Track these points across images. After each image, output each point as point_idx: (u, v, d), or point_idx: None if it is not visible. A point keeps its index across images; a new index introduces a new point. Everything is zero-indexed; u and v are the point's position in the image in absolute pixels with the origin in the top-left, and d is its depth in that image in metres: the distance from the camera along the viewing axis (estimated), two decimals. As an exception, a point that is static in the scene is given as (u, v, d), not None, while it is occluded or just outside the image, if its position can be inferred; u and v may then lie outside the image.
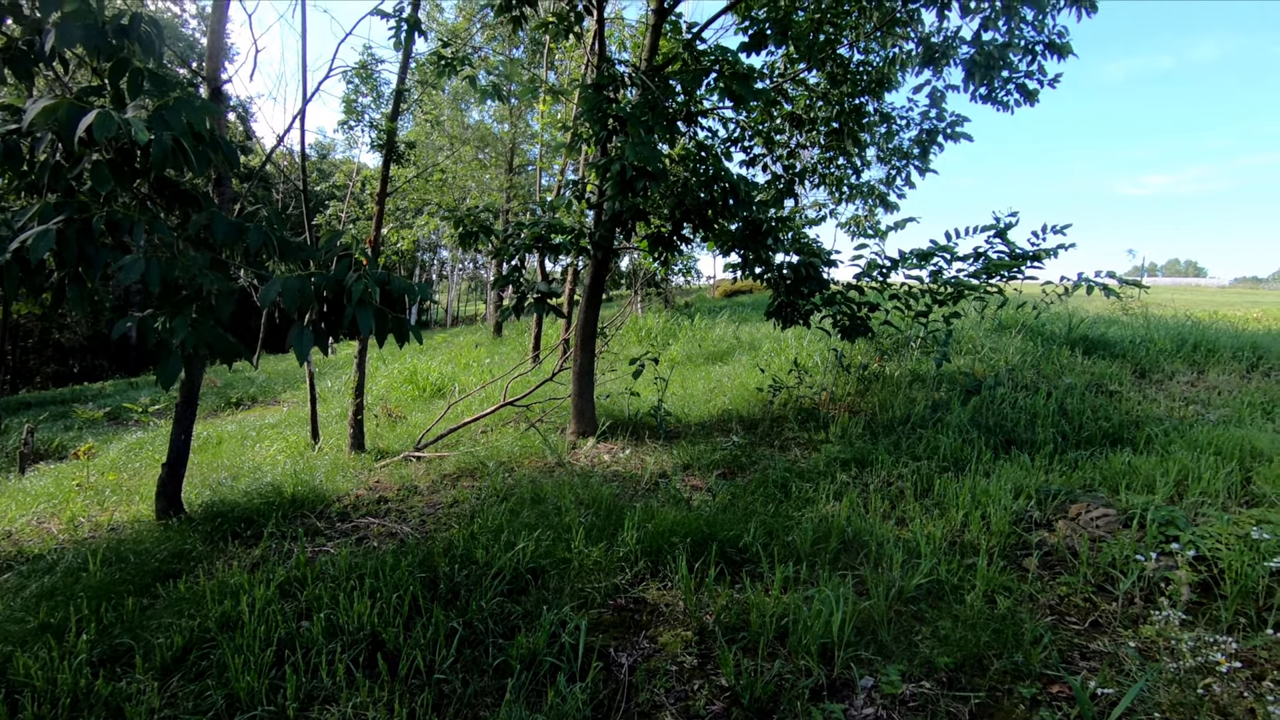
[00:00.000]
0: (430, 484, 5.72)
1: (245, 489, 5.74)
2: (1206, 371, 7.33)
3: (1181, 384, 6.92)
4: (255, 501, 5.24)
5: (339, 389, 11.13)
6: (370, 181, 15.93)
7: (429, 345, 15.36)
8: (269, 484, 5.78)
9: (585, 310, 6.46)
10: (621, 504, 4.53)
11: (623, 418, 6.90)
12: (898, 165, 7.02)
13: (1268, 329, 10.12)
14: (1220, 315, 12.46)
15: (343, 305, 2.40)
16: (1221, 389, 6.65)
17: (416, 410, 8.96)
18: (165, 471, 5.19)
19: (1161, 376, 7.24)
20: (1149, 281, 45.05)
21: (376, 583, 3.37)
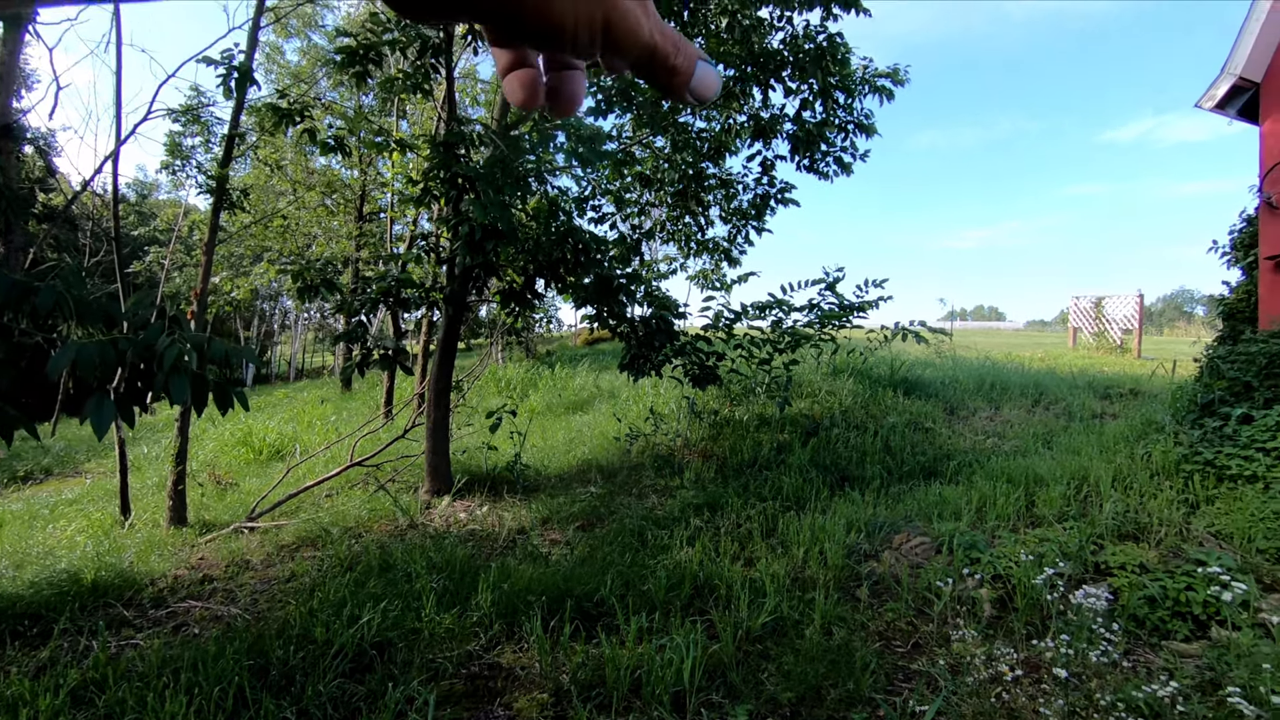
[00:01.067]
0: (265, 557, 5.25)
1: (32, 579, 4.96)
2: (1001, 407, 8.40)
3: (982, 419, 7.89)
4: (44, 593, 4.54)
5: (158, 455, 9.94)
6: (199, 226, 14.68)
7: (268, 403, 14.17)
8: (63, 571, 5.03)
9: (439, 364, 6.30)
10: (477, 565, 4.40)
11: (480, 473, 6.73)
12: (738, 224, 7.58)
13: (1047, 368, 11.80)
14: (1013, 356, 14.35)
15: (153, 371, 2.22)
16: (1013, 422, 7.65)
17: (251, 475, 8.21)
18: (-78, 566, 4.38)
19: (967, 413, 8.20)
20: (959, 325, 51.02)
21: (195, 676, 3.03)
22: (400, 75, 5.04)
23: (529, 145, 5.23)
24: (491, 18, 0.33)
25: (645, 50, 0.36)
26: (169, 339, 2.18)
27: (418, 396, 10.35)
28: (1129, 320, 17.67)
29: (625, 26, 0.34)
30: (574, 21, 0.33)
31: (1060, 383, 9.45)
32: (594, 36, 0.34)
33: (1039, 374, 10.45)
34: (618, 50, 0.35)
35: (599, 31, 0.34)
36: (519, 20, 0.32)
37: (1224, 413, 4.85)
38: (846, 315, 6.55)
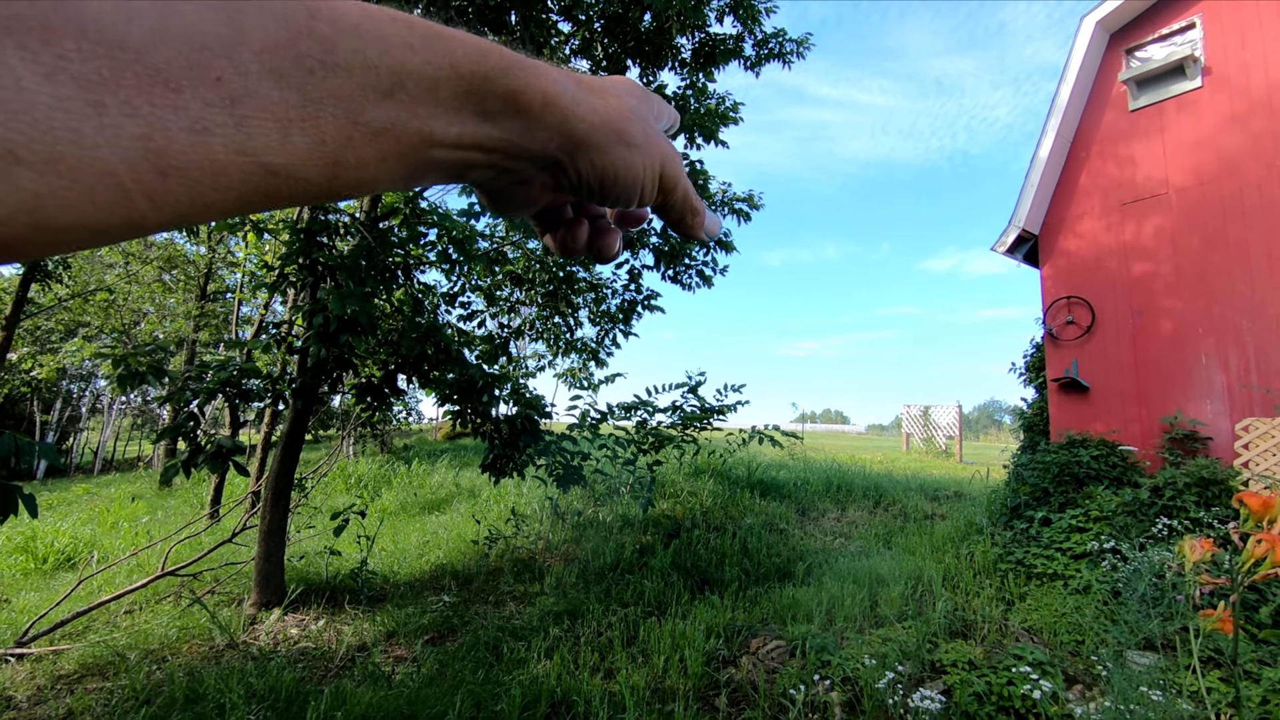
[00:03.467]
0: (34, 692, 4.39)
1: None
2: (847, 508, 8.96)
3: (830, 520, 8.34)
4: None
5: (-99, 566, 8.17)
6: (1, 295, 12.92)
7: (62, 500, 12.20)
8: None
9: (281, 459, 5.79)
10: (306, 690, 3.93)
11: (319, 581, 6.12)
12: (606, 327, 7.83)
13: (886, 470, 12.82)
14: (856, 459, 15.46)
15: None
16: (857, 523, 8.16)
17: (29, 589, 6.92)
18: None
19: (817, 514, 8.65)
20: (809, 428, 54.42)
21: None
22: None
23: (397, 240, 5.18)
24: (583, 189, 0.36)
25: (684, 194, 0.40)
26: (-54, 435, 1.88)
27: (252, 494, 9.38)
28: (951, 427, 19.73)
29: (673, 173, 0.38)
30: (645, 173, 0.36)
31: (896, 484, 10.26)
32: (654, 184, 0.37)
33: (879, 476, 11.30)
34: (668, 195, 0.39)
35: (658, 180, 0.38)
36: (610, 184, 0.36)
37: (1029, 515, 5.48)
38: (708, 417, 6.83)
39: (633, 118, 0.36)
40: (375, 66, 0.26)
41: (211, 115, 0.22)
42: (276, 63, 0.24)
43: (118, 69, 0.20)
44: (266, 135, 0.24)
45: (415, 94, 0.28)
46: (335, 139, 0.26)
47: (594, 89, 0.35)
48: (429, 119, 0.29)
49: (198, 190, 0.23)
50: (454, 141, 0.30)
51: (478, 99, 0.30)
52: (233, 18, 0.23)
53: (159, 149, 0.21)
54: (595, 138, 0.34)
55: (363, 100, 0.26)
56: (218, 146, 0.23)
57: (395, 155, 0.28)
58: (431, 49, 0.28)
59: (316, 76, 0.25)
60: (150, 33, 0.21)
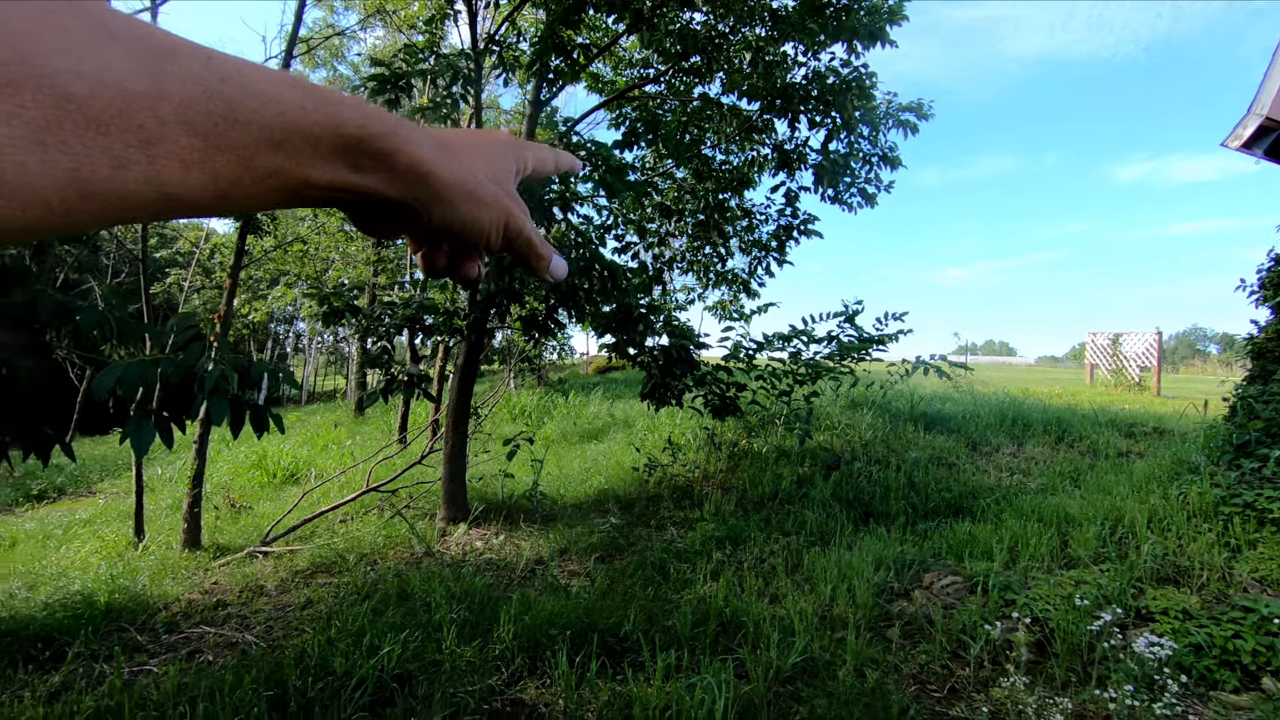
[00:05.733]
0: (279, 583, 5.18)
1: (45, 600, 4.91)
2: (1024, 444, 8.28)
3: (1006, 456, 7.76)
4: (58, 616, 4.49)
5: (172, 477, 9.94)
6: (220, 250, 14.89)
7: (281, 425, 14.22)
8: (77, 593, 4.98)
9: (458, 390, 6.28)
10: (496, 595, 4.32)
11: (496, 501, 6.67)
12: (758, 256, 7.59)
13: (1067, 404, 11.65)
14: (1030, 392, 14.20)
15: (192, 392, 2.20)
16: (1037, 459, 7.52)
17: (265, 499, 8.17)
18: (-62, 585, 4.34)
19: (990, 449, 8.08)
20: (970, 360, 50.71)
21: (212, 706, 2.96)
22: (430, 104, 5.11)
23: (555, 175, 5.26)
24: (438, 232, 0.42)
25: (526, 242, 0.47)
26: (210, 360, 2.17)
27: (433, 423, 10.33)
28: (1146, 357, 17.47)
29: (516, 226, 0.46)
30: (490, 225, 0.43)
31: (1082, 419, 9.31)
32: (499, 234, 0.45)
33: (1059, 410, 10.31)
34: (511, 243, 0.46)
35: (502, 231, 0.45)
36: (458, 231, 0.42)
37: (1261, 454, 4.75)
38: (866, 348, 6.50)
39: (485, 180, 0.43)
40: (270, 125, 0.31)
41: (130, 153, 0.27)
42: (189, 116, 0.28)
43: (61, 116, 0.25)
44: (171, 171, 0.28)
45: (300, 147, 0.33)
46: (227, 178, 0.31)
47: (457, 152, 0.41)
48: (309, 167, 0.34)
49: (109, 208, 0.27)
50: (327, 184, 0.35)
51: (352, 155, 0.35)
52: (158, 79, 0.27)
53: (84, 179, 0.26)
54: (448, 195, 0.40)
55: (255, 150, 0.31)
56: (131, 178, 0.27)
57: (276, 190, 0.33)
58: (322, 112, 0.33)
59: (220, 129, 0.29)
60: (91, 88, 0.25)
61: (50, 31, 0.25)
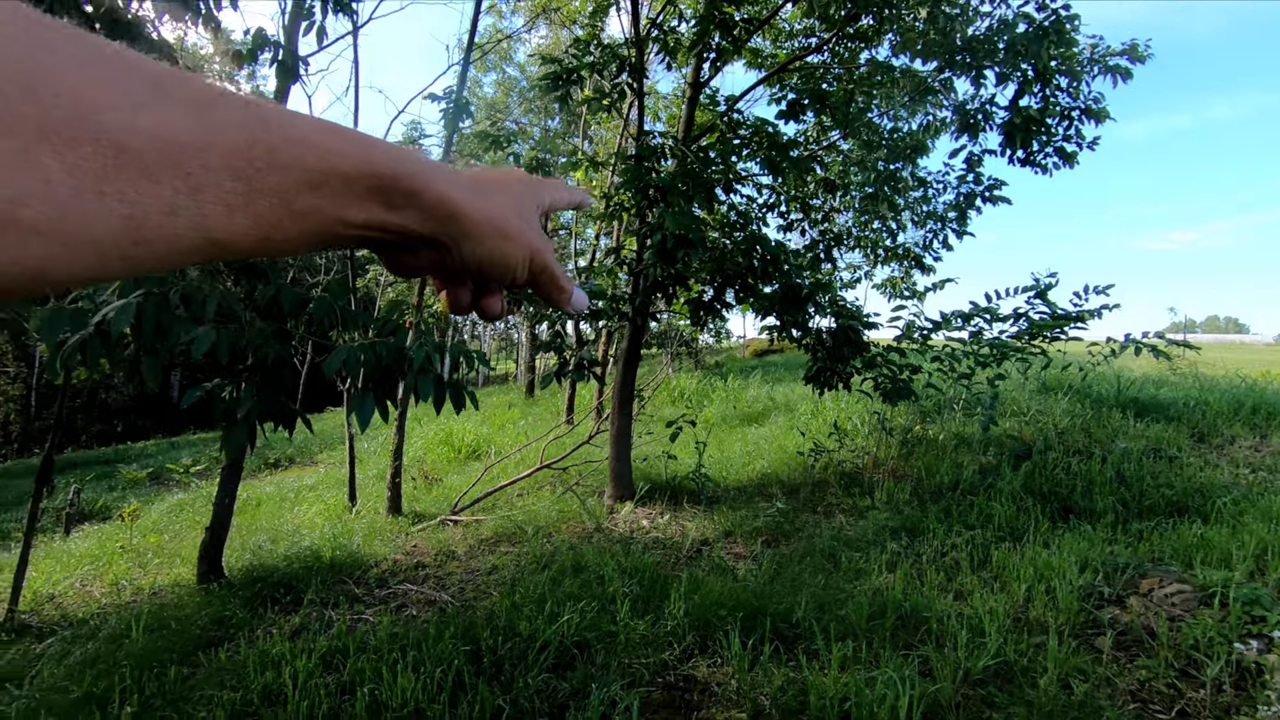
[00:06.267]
0: (468, 549, 5.66)
1: (285, 553, 5.73)
2: (1269, 436, 7.03)
3: (1244, 449, 6.64)
4: (295, 566, 5.22)
5: (375, 450, 11.21)
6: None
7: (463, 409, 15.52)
8: (307, 548, 5.77)
9: (622, 373, 6.47)
10: (665, 573, 4.42)
11: (660, 481, 6.81)
12: (933, 229, 7.04)
13: (1328, 390, 9.72)
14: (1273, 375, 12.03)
15: (403, 372, 2.43)
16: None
17: (452, 472, 8.96)
18: (208, 535, 5.21)
19: (1221, 441, 6.95)
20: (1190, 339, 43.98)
21: (419, 655, 3.30)
22: (597, 95, 5.27)
23: (717, 156, 5.21)
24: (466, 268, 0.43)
25: (550, 277, 0.48)
26: (417, 344, 2.38)
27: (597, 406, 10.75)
28: None
29: (542, 261, 0.47)
30: (517, 260, 0.45)
31: (1349, 409, 7.73)
32: (525, 269, 0.46)
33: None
34: (536, 277, 0.47)
35: (528, 266, 0.46)
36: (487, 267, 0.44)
37: None
38: (1062, 325, 5.83)
39: (511, 216, 0.44)
40: (309, 168, 0.33)
41: (179, 200, 0.28)
42: (234, 162, 0.30)
43: (118, 168, 0.26)
44: (217, 216, 0.30)
45: (337, 188, 0.34)
46: (269, 220, 0.32)
47: (484, 190, 0.42)
48: (344, 207, 0.35)
49: (158, 254, 0.29)
50: (362, 223, 0.36)
51: (386, 194, 0.36)
52: (206, 129, 0.29)
53: (137, 226, 0.27)
54: (476, 231, 0.41)
55: (295, 192, 0.32)
56: (180, 224, 0.28)
57: (312, 232, 0.34)
58: (357, 155, 0.35)
59: (262, 173, 0.31)
60: (145, 141, 0.27)
61: (109, 90, 0.26)
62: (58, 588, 5.77)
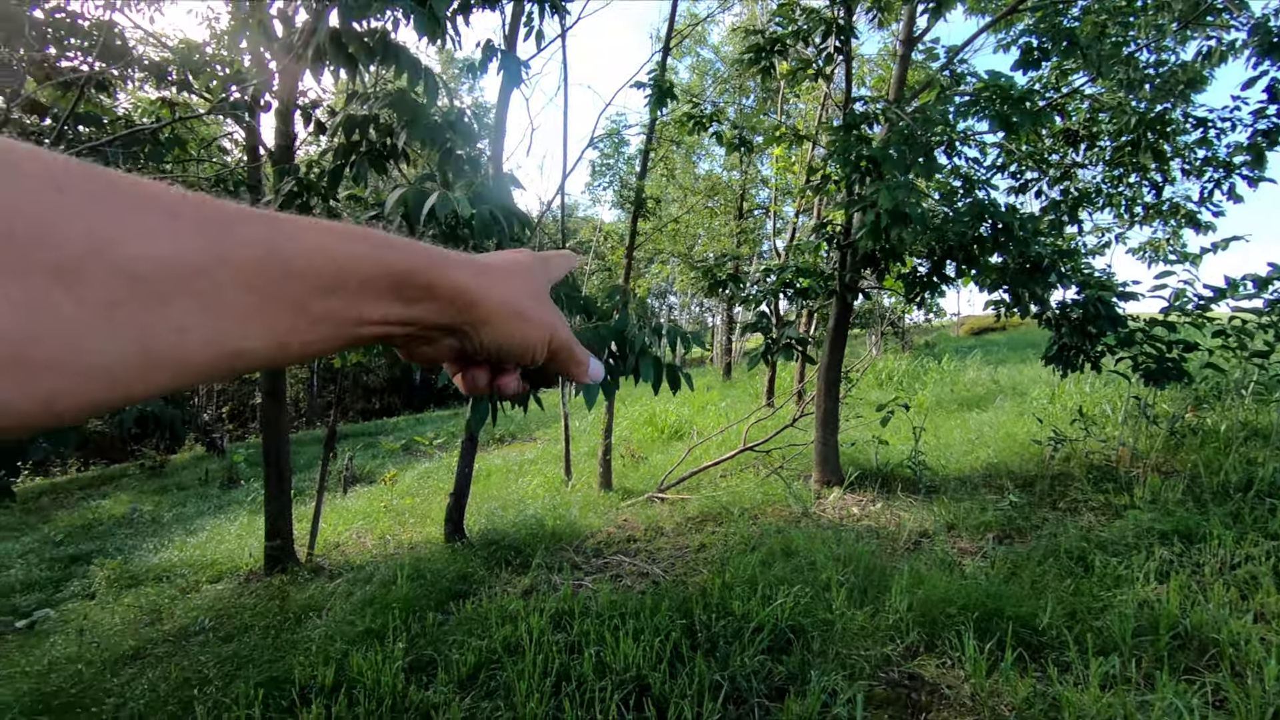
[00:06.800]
0: (675, 526, 5.82)
1: (513, 520, 6.32)
2: None
3: None
4: (522, 532, 5.73)
5: (585, 429, 11.95)
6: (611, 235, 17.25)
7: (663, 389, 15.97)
8: (532, 516, 6.31)
9: (829, 353, 6.22)
10: (882, 564, 4.19)
11: (870, 468, 6.47)
12: (1215, 178, 5.83)
13: None
14: None
15: (625, 354, 2.52)
16: None
17: (656, 451, 9.28)
18: (451, 500, 5.89)
19: None
20: None
21: (638, 624, 3.45)
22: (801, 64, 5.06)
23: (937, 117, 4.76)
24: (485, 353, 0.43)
25: (569, 352, 0.48)
26: (637, 326, 2.45)
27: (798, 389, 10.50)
28: None
29: (560, 339, 0.47)
30: (536, 342, 0.45)
31: None
32: (544, 349, 0.46)
33: None
34: (555, 355, 0.47)
35: (547, 346, 0.46)
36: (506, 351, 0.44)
37: None
38: None
39: (528, 299, 0.45)
40: (323, 273, 0.32)
41: (191, 319, 0.28)
42: (247, 277, 0.30)
43: (128, 295, 0.26)
44: (230, 330, 0.29)
45: (353, 290, 0.34)
46: (284, 327, 0.31)
47: (497, 274, 0.43)
48: (362, 307, 0.35)
49: (172, 375, 0.28)
50: (379, 320, 0.36)
51: (402, 290, 0.37)
52: (219, 248, 0.29)
53: (148, 349, 0.27)
54: (494, 318, 0.42)
55: (310, 297, 0.32)
56: (192, 341, 0.28)
57: (331, 334, 0.34)
58: (371, 255, 0.35)
59: (277, 284, 0.31)
60: (157, 266, 0.27)
61: (122, 223, 0.26)
62: (340, 537, 6.90)
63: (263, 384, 5.69)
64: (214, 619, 4.81)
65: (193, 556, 6.76)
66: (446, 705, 2.96)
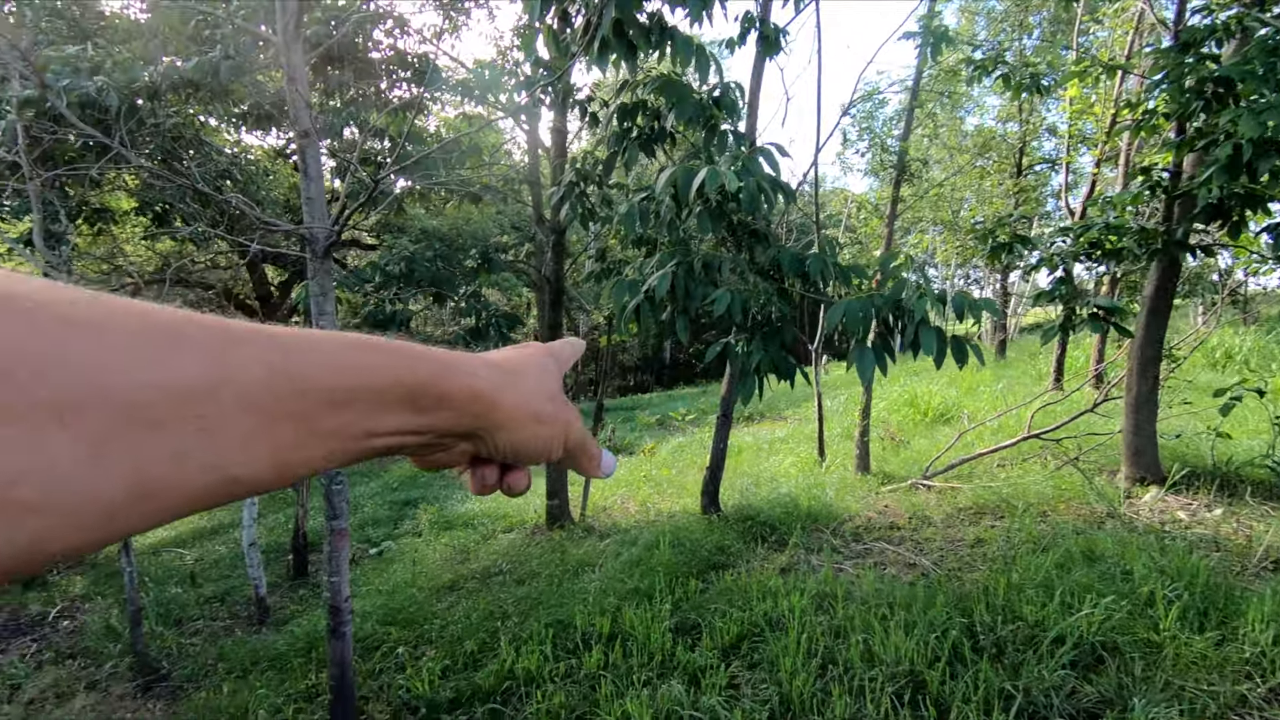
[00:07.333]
0: (944, 517, 5.35)
1: (766, 497, 6.32)
2: None
3: None
4: (776, 510, 5.70)
5: (838, 409, 11.51)
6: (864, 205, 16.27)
7: (924, 367, 14.65)
8: (785, 495, 6.24)
9: (1146, 326, 5.18)
10: (1228, 583, 3.40)
11: (1203, 466, 5.30)
12: None
13: None
14: None
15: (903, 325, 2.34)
16: None
17: (918, 435, 8.60)
18: (707, 474, 6.06)
19: None
20: None
21: (909, 616, 3.22)
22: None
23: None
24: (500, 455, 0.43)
25: (584, 448, 0.48)
26: (917, 294, 2.25)
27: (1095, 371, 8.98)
28: None
29: (576, 437, 0.46)
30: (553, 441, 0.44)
31: None
32: (560, 447, 0.45)
33: None
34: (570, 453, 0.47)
35: (563, 445, 0.45)
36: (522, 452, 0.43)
37: None
38: None
39: (544, 400, 0.43)
40: (332, 387, 0.31)
41: (188, 444, 0.26)
42: (251, 397, 0.28)
43: (124, 425, 0.24)
44: (231, 453, 0.27)
45: (364, 402, 0.32)
46: (288, 445, 0.30)
47: (511, 374, 0.42)
48: (372, 419, 0.33)
49: (168, 504, 0.26)
50: (390, 431, 0.34)
51: (416, 399, 0.35)
52: (222, 369, 0.27)
53: (143, 479, 0.25)
54: (512, 421, 0.41)
55: (317, 413, 0.30)
56: (191, 468, 0.26)
57: (338, 449, 0.32)
58: (381, 367, 0.33)
59: (283, 402, 0.29)
60: (155, 394, 0.25)
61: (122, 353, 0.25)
62: (607, 502, 7.51)
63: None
64: (509, 563, 5.54)
65: (489, 509, 7.86)
66: (713, 669, 3.05)
